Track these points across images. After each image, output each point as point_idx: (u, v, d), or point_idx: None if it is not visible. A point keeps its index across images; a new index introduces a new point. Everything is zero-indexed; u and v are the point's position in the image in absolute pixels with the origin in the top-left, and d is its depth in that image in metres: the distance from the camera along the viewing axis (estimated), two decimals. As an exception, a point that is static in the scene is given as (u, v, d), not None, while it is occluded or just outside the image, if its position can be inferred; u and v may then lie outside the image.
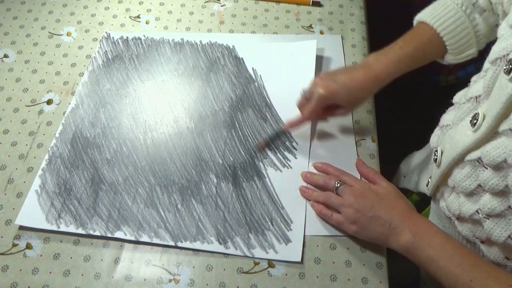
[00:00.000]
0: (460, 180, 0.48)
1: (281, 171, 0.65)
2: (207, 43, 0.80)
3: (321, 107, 0.62)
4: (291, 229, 0.59)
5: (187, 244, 0.58)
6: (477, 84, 0.49)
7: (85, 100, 0.73)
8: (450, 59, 0.62)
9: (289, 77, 0.75)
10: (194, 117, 0.71)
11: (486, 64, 0.47)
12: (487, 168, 0.44)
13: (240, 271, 0.57)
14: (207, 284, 0.56)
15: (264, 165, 0.65)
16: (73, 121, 0.71)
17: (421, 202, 0.69)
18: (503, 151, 0.42)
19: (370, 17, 0.86)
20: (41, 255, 0.59)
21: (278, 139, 0.68)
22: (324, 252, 0.58)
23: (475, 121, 0.45)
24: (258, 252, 0.57)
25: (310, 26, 0.84)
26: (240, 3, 0.88)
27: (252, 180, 0.64)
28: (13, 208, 0.62)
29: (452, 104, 0.57)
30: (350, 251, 0.58)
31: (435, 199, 0.58)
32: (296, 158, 0.66)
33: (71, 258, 0.58)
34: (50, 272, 0.57)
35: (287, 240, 0.58)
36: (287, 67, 0.76)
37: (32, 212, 0.61)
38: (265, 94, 0.73)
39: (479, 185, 0.46)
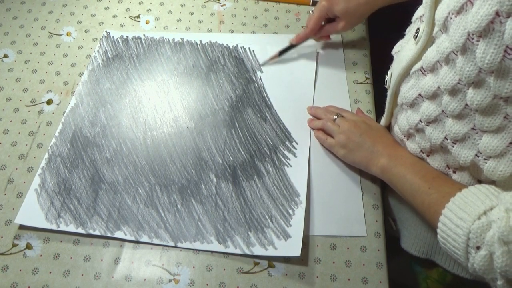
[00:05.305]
0: (405, 92, 0.54)
1: (281, 170, 0.65)
2: (207, 43, 0.80)
3: (322, 17, 0.72)
4: (290, 225, 0.59)
5: (186, 245, 0.58)
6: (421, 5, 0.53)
7: (85, 99, 0.73)
8: None
9: (290, 78, 0.75)
10: (194, 117, 0.71)
11: None
12: (426, 75, 0.49)
13: (240, 271, 0.57)
14: (207, 284, 0.56)
15: (263, 164, 0.65)
16: (73, 120, 0.71)
17: None
18: (436, 53, 0.46)
19: (370, 17, 0.86)
20: (41, 255, 0.59)
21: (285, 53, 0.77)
22: (324, 252, 0.58)
23: (416, 34, 0.50)
24: (258, 250, 0.57)
25: (310, 26, 0.83)
26: (240, 3, 0.88)
27: (251, 179, 0.64)
28: (13, 208, 0.62)
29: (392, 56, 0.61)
30: (350, 251, 0.58)
31: (392, 129, 0.63)
32: (296, 157, 0.66)
33: (71, 258, 0.58)
34: (50, 272, 0.57)
35: (287, 236, 0.58)
36: (287, 69, 0.76)
37: (32, 211, 0.61)
38: (264, 94, 0.73)
39: (420, 95, 0.51)
